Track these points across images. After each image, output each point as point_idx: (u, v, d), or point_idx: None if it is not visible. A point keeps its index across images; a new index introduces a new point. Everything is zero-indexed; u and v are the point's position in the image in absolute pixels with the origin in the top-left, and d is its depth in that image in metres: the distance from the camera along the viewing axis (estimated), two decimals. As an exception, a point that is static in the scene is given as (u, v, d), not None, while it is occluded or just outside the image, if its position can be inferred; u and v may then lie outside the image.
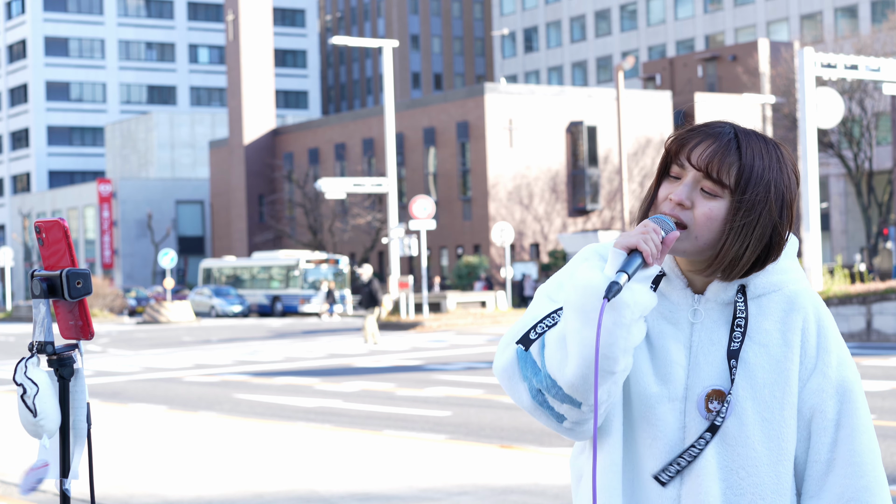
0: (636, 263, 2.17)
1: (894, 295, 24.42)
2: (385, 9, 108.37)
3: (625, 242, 2.19)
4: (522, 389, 2.27)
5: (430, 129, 62.97)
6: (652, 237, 2.19)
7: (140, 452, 11.74)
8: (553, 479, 9.55)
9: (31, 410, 2.54)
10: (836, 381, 2.31)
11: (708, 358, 2.30)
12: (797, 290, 2.34)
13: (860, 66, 29.17)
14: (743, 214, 2.25)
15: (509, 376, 2.29)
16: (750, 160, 2.26)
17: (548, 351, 2.23)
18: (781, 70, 57.95)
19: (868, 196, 55.34)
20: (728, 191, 2.26)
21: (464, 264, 56.76)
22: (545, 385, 2.23)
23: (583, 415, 2.24)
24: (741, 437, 2.28)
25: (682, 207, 2.27)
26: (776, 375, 2.29)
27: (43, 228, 2.55)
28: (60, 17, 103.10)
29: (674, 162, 2.31)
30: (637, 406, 2.31)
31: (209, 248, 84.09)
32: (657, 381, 2.30)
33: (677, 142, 2.31)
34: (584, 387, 2.19)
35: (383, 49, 44.64)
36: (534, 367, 2.25)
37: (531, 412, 2.29)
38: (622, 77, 40.12)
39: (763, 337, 2.30)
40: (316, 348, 29.25)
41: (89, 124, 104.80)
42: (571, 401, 2.22)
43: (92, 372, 23.26)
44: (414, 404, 15.83)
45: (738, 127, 2.31)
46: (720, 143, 2.27)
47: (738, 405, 2.28)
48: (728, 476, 2.29)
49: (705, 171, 2.26)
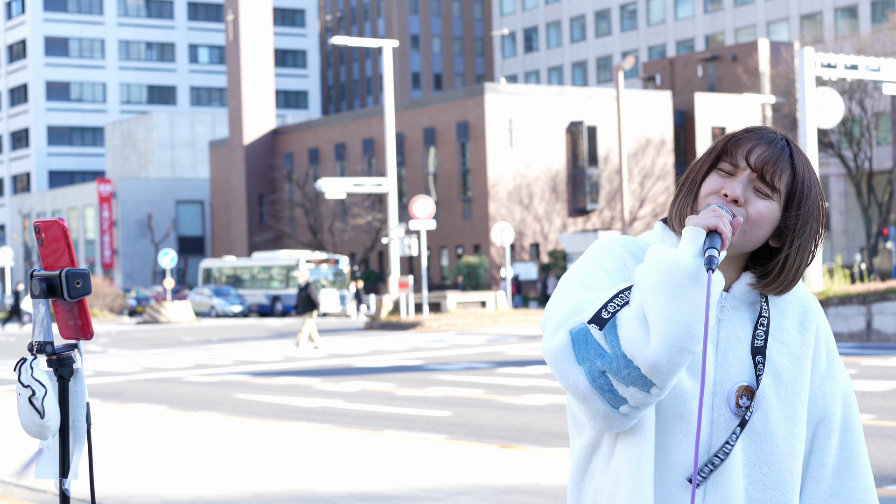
0: (718, 244, 2.20)
1: (894, 295, 24.42)
2: (385, 9, 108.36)
3: (703, 223, 2.22)
4: (578, 373, 2.23)
5: (430, 129, 62.97)
6: (726, 221, 2.23)
7: (140, 452, 11.73)
8: (553, 479, 9.55)
9: (38, 412, 2.53)
10: (843, 387, 2.43)
11: (736, 354, 2.35)
12: (808, 295, 2.45)
13: (860, 66, 29.17)
14: (803, 226, 2.35)
15: (563, 359, 2.25)
16: (802, 171, 2.36)
17: (624, 331, 2.20)
18: (781, 70, 57.95)
19: (868, 196, 55.33)
20: (777, 195, 2.34)
21: (464, 264, 56.76)
22: (615, 367, 2.20)
23: (648, 398, 2.21)
24: (766, 433, 2.33)
25: (737, 204, 2.32)
26: (797, 373, 2.37)
27: (42, 228, 2.54)
28: (60, 17, 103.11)
29: (725, 160, 2.36)
30: (671, 402, 2.31)
31: (209, 248, 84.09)
32: (690, 376, 2.32)
33: (734, 141, 2.37)
34: (668, 367, 2.17)
35: (383, 49, 44.64)
36: (598, 349, 2.22)
37: (585, 397, 2.24)
38: (622, 77, 40.12)
39: (784, 336, 2.39)
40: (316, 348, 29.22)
41: (89, 124, 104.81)
42: (643, 382, 2.19)
43: (92, 372, 23.26)
44: (414, 404, 15.83)
45: (788, 137, 2.41)
46: (776, 148, 2.36)
47: (764, 401, 2.33)
48: (752, 472, 2.33)
49: (760, 172, 2.33)
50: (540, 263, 57.84)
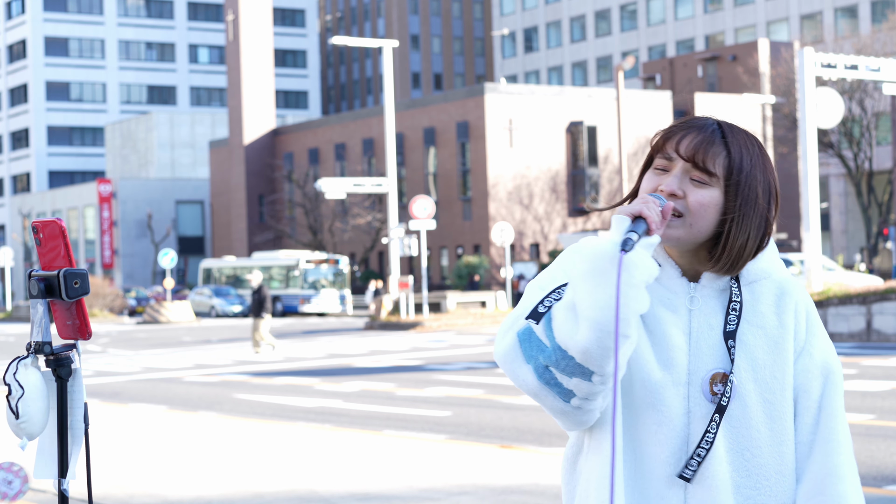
0: (642, 229, 2.21)
1: (894, 295, 24.41)
2: (385, 9, 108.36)
3: (627, 210, 2.23)
4: (526, 371, 2.26)
5: (430, 129, 62.97)
6: (651, 206, 2.24)
7: (140, 452, 11.73)
8: (553, 479, 9.54)
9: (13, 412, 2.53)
10: (821, 362, 2.37)
11: (708, 342, 2.34)
12: (785, 277, 2.40)
13: (860, 66, 29.16)
14: (741, 205, 2.32)
15: (511, 360, 2.28)
16: (737, 150, 2.33)
17: (556, 322, 2.23)
18: (781, 70, 57.94)
19: (868, 196, 55.32)
20: (716, 179, 2.32)
21: (464, 264, 56.76)
22: (554, 359, 2.23)
23: (593, 387, 2.23)
24: (745, 419, 2.31)
25: (675, 197, 2.32)
26: (775, 356, 2.34)
27: (40, 228, 2.54)
28: (60, 17, 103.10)
29: (659, 156, 2.37)
30: (641, 393, 2.32)
31: (209, 248, 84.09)
32: (660, 367, 2.32)
33: (663, 136, 2.37)
34: (599, 352, 2.18)
35: (383, 49, 44.63)
36: (539, 345, 2.25)
37: (537, 394, 2.27)
38: (622, 77, 40.10)
39: (760, 319, 2.36)
40: (316, 348, 29.25)
41: (89, 124, 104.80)
42: (583, 372, 2.21)
43: (92, 372, 23.26)
44: (414, 404, 15.82)
45: (721, 120, 2.38)
46: (705, 133, 2.34)
47: (740, 386, 2.32)
48: (735, 458, 2.31)
49: (693, 160, 2.32)
50: (540, 263, 57.84)
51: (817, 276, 27.17)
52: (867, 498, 8.64)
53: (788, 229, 66.85)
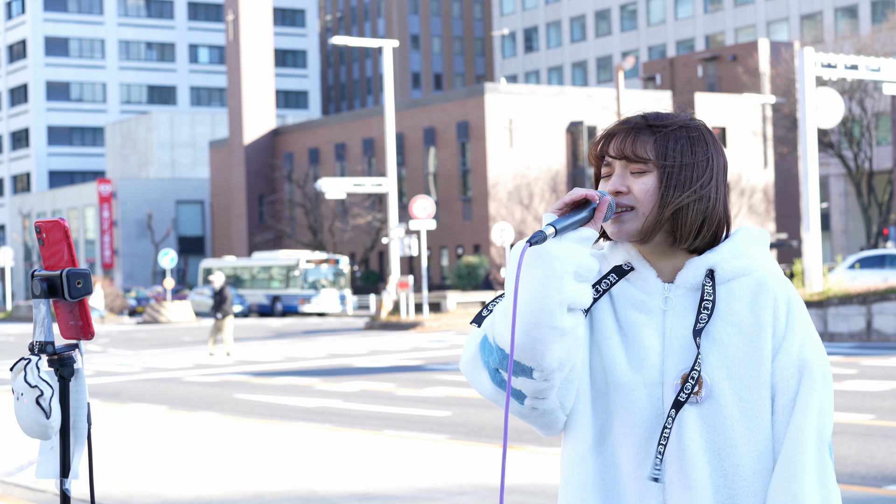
0: (567, 221, 2.24)
1: (894, 295, 24.42)
2: (385, 9, 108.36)
3: (555, 205, 2.27)
4: (484, 377, 2.30)
5: (430, 129, 62.97)
6: (578, 190, 2.28)
7: (140, 452, 11.74)
8: (553, 479, 9.54)
9: (45, 412, 2.53)
10: (798, 359, 2.32)
11: (681, 342, 2.33)
12: (766, 273, 2.36)
13: (860, 66, 29.16)
14: (674, 185, 2.33)
15: (472, 367, 2.33)
16: (663, 132, 2.35)
17: (496, 324, 2.28)
18: (781, 70, 57.93)
19: (868, 196, 55.31)
20: (651, 164, 2.34)
21: (464, 264, 56.77)
22: (498, 360, 2.27)
23: (537, 385, 2.26)
24: (720, 418, 2.29)
25: (622, 194, 2.34)
26: (751, 355, 2.31)
27: (43, 228, 2.55)
28: (60, 17, 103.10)
29: (603, 165, 2.40)
30: (615, 396, 2.33)
31: (209, 248, 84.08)
32: (632, 369, 2.33)
33: (595, 146, 2.41)
34: (530, 344, 2.22)
35: (383, 49, 44.63)
36: (489, 349, 2.29)
37: (494, 399, 2.31)
38: (622, 77, 40.11)
39: (735, 317, 2.33)
40: (316, 348, 29.25)
41: (89, 124, 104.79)
42: (522, 369, 2.25)
43: (92, 372, 23.26)
44: (414, 404, 15.82)
45: (648, 112, 2.41)
46: (629, 126, 2.38)
47: (714, 385, 2.30)
48: (713, 458, 2.30)
49: (624, 154, 2.35)
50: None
51: (817, 277, 27.16)
52: (868, 498, 8.64)
53: (788, 229, 66.86)
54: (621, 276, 2.37)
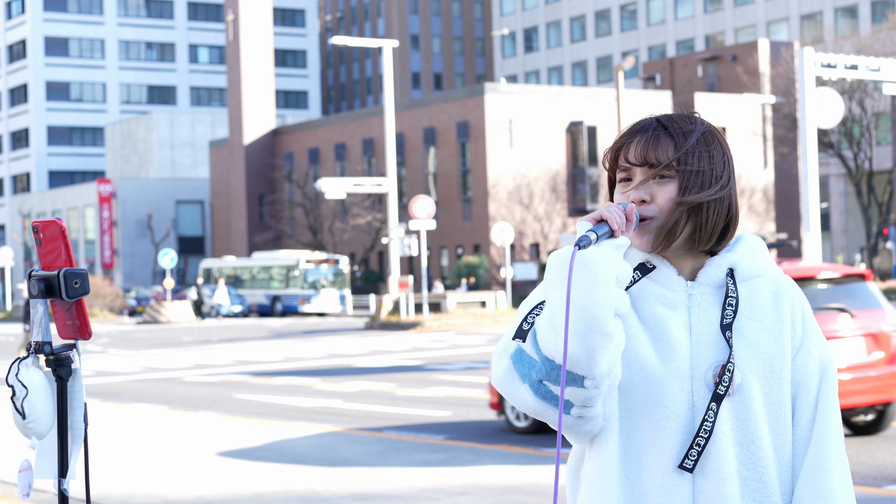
0: (603, 230, 2.26)
1: (894, 295, 24.40)
2: (385, 9, 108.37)
3: (589, 216, 2.28)
4: (524, 390, 2.29)
5: (430, 129, 62.98)
6: (613, 209, 2.28)
7: (140, 452, 11.73)
8: (553, 479, 9.54)
9: (20, 413, 2.53)
10: (819, 359, 2.41)
11: (708, 336, 2.36)
12: (780, 275, 2.45)
13: (860, 66, 29.15)
14: (691, 186, 2.34)
15: (509, 382, 2.31)
16: (681, 135, 2.37)
17: (540, 336, 2.26)
18: (781, 70, 57.94)
19: (868, 196, 55.32)
20: (675, 170, 2.35)
21: (464, 264, 56.75)
22: (545, 372, 2.25)
23: (587, 392, 2.25)
24: (749, 411, 2.34)
25: (645, 204, 2.36)
26: (775, 350, 2.37)
27: (40, 228, 2.54)
28: (60, 17, 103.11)
29: (619, 170, 2.41)
30: (644, 390, 2.33)
31: (209, 248, 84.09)
32: (662, 362, 2.34)
33: (612, 151, 2.42)
34: (584, 354, 2.22)
35: (383, 49, 44.62)
36: (530, 361, 2.27)
37: (538, 411, 2.30)
38: (622, 77, 40.11)
39: (759, 314, 2.38)
40: (316, 348, 29.25)
41: (89, 124, 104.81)
42: (573, 379, 2.24)
43: (92, 372, 23.26)
44: (414, 404, 15.82)
45: (660, 115, 2.42)
46: (648, 133, 2.38)
47: (743, 379, 2.34)
48: (741, 451, 2.34)
49: (646, 161, 2.36)
50: (540, 263, 57.82)
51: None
52: (868, 498, 8.64)
53: (788, 229, 66.85)
54: (644, 274, 2.39)
